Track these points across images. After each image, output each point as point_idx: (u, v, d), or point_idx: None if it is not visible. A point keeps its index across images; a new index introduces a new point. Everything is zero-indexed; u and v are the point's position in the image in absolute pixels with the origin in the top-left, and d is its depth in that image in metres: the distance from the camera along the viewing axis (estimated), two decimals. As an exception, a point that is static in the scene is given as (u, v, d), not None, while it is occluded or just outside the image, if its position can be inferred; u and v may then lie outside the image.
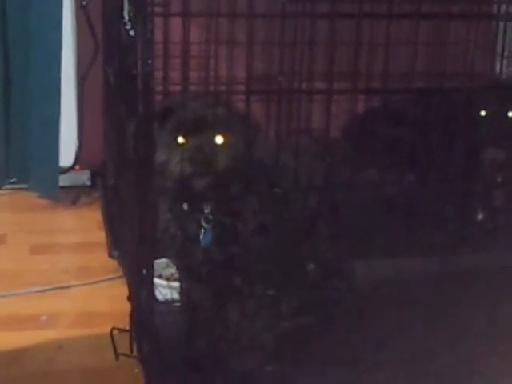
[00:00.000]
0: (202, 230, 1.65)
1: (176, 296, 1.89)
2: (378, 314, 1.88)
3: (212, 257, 1.65)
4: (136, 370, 1.77)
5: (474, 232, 2.24)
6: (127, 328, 1.83)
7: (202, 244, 1.64)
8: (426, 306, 1.92)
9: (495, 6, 2.30)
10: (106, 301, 2.12)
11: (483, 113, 2.17)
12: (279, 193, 1.72)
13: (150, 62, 1.44)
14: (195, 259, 1.67)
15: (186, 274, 1.74)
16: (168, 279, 1.97)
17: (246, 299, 1.68)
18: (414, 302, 1.94)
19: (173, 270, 1.93)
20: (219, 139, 1.59)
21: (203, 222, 1.64)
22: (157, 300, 1.72)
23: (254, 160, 1.65)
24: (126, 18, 1.60)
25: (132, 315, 1.80)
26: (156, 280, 1.74)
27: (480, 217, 2.30)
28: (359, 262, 1.96)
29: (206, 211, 1.65)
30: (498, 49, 2.30)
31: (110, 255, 2.30)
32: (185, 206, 1.65)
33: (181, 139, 1.58)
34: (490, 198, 2.29)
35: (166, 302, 1.88)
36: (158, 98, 1.99)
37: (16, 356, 1.88)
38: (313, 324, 1.79)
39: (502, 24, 2.30)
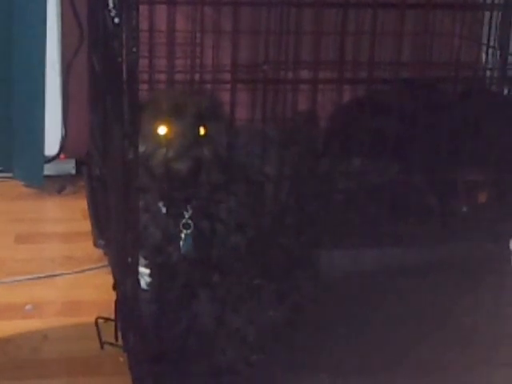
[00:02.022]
0: (182, 236, 1.64)
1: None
2: (356, 304, 1.89)
3: (191, 260, 1.65)
4: (121, 359, 1.77)
5: (456, 223, 2.24)
6: (112, 317, 1.83)
7: (183, 251, 1.64)
8: (404, 295, 1.93)
9: (481, -4, 2.30)
10: (91, 290, 2.12)
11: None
12: (260, 183, 1.72)
13: (135, 49, 1.43)
14: (172, 260, 1.67)
15: (161, 272, 1.74)
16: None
17: (226, 294, 1.68)
18: (392, 292, 1.95)
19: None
20: (200, 130, 1.59)
21: (182, 228, 1.64)
22: (142, 289, 1.72)
23: (233, 156, 1.65)
24: (111, 5, 1.59)
25: (117, 304, 1.80)
26: (141, 269, 1.73)
27: (464, 208, 2.30)
28: (341, 252, 1.97)
29: (185, 216, 1.65)
30: (484, 39, 2.31)
31: (96, 244, 2.29)
32: (163, 209, 1.65)
33: (162, 129, 1.57)
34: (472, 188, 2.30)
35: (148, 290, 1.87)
36: (143, 86, 1.99)
37: (0, 345, 1.88)
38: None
39: (487, 14, 2.31)
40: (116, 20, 1.52)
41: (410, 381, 1.67)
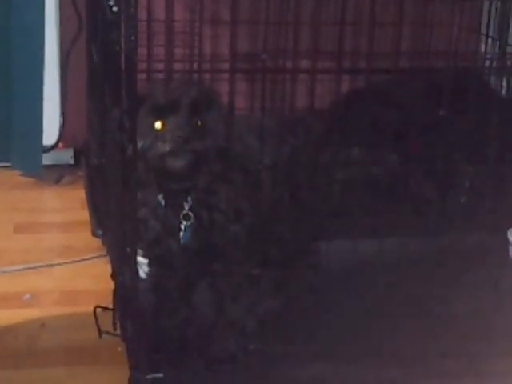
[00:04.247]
0: (182, 227, 1.64)
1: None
2: (354, 294, 1.89)
3: (191, 250, 1.65)
4: (119, 348, 1.77)
5: (455, 214, 2.24)
6: (110, 306, 1.84)
7: (183, 241, 1.64)
8: (402, 286, 1.94)
9: (480, -14, 2.30)
10: (90, 279, 2.12)
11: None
12: (259, 171, 1.72)
13: (133, 38, 1.42)
14: (171, 252, 1.67)
15: (161, 263, 1.74)
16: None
17: (225, 284, 1.69)
18: (390, 282, 1.95)
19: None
20: (197, 122, 1.58)
21: (182, 220, 1.64)
22: (140, 278, 1.72)
23: (230, 144, 1.65)
24: (109, -7, 1.59)
25: (115, 293, 1.80)
26: (139, 258, 1.73)
27: (463, 199, 2.30)
28: (341, 243, 1.96)
29: (185, 207, 1.64)
30: (483, 29, 2.31)
31: (94, 234, 2.29)
32: (162, 201, 1.65)
33: (158, 123, 1.57)
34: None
35: (147, 280, 1.87)
36: (142, 75, 1.99)
37: (-2, 334, 1.89)
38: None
39: (486, 4, 2.31)
40: (114, 8, 1.51)
41: (409, 369, 1.68)
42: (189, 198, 1.64)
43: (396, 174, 2.18)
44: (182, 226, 1.64)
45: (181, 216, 1.64)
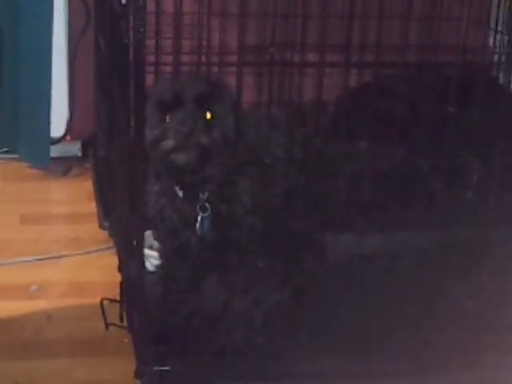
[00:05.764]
0: (199, 218, 1.64)
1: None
2: (360, 287, 1.89)
3: (209, 242, 1.65)
4: (126, 340, 1.78)
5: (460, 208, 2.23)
6: (117, 298, 1.84)
7: (199, 233, 1.64)
8: (407, 279, 1.94)
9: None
10: (97, 271, 2.13)
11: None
12: (269, 165, 1.72)
13: (141, 29, 1.42)
14: (189, 244, 1.67)
15: (174, 254, 1.73)
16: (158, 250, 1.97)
17: (235, 277, 1.69)
18: (396, 275, 1.95)
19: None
20: (207, 115, 1.58)
21: (199, 211, 1.64)
22: (147, 270, 1.72)
23: (241, 136, 1.64)
24: (118, -15, 1.59)
25: (122, 285, 1.81)
26: (146, 251, 1.74)
27: (470, 194, 2.30)
28: (347, 236, 1.97)
29: (202, 199, 1.64)
30: (492, 23, 2.30)
31: (101, 226, 2.29)
32: (179, 193, 1.65)
33: (163, 119, 1.57)
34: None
35: (156, 272, 1.88)
36: (149, 68, 1.99)
37: (5, 325, 1.89)
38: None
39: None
40: (123, 0, 1.52)
41: (414, 363, 1.68)
42: (205, 190, 1.64)
43: (403, 168, 2.18)
44: (199, 218, 1.64)
45: (197, 208, 1.64)
